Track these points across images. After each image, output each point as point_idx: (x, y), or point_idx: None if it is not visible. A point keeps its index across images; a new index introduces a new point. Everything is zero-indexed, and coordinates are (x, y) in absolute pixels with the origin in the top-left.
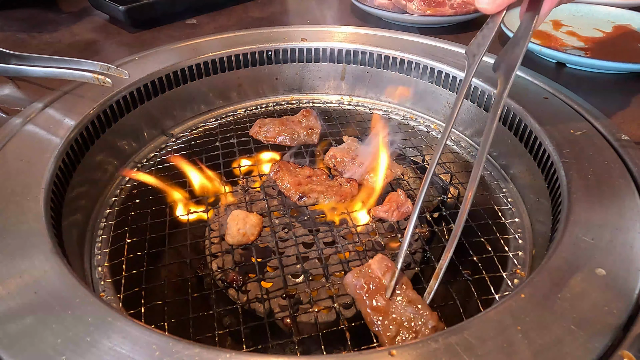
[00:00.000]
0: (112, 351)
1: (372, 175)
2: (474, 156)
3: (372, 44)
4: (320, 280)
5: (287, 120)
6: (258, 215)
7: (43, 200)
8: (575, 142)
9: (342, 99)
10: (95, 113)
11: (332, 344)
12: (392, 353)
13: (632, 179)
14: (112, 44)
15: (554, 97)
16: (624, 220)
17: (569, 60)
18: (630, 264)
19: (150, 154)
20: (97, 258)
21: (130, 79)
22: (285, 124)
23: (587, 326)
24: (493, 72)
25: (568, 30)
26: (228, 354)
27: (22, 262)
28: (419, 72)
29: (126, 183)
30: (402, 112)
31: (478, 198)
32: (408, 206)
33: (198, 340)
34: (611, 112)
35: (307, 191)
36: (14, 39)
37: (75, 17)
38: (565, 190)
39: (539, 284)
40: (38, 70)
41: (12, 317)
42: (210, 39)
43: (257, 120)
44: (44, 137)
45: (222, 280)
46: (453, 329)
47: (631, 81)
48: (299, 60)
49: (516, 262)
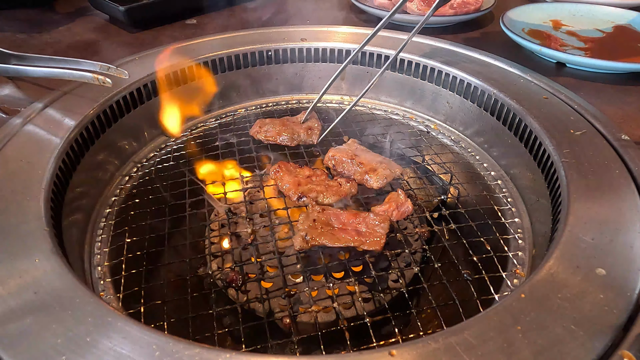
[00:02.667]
0: (112, 351)
1: (372, 176)
2: (474, 156)
3: (372, 44)
4: (320, 280)
5: (287, 120)
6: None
7: (43, 200)
8: (575, 142)
9: (342, 99)
10: (95, 113)
11: (331, 344)
12: (392, 353)
13: (632, 179)
14: (112, 44)
15: (554, 97)
16: (624, 220)
17: (569, 60)
18: (630, 264)
19: (150, 153)
20: (96, 258)
21: (130, 79)
22: (285, 124)
23: (587, 326)
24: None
25: (568, 30)
26: (228, 354)
27: (22, 262)
28: (419, 72)
29: (126, 183)
30: (402, 112)
31: (478, 198)
32: (408, 206)
33: (197, 340)
34: (611, 112)
35: (307, 191)
36: (14, 39)
37: (75, 17)
38: (565, 190)
39: (539, 284)
40: (38, 70)
41: (12, 317)
42: (210, 39)
43: (258, 120)
44: (44, 137)
45: (221, 280)
46: (453, 329)
47: (631, 81)
48: (299, 60)
49: (516, 262)
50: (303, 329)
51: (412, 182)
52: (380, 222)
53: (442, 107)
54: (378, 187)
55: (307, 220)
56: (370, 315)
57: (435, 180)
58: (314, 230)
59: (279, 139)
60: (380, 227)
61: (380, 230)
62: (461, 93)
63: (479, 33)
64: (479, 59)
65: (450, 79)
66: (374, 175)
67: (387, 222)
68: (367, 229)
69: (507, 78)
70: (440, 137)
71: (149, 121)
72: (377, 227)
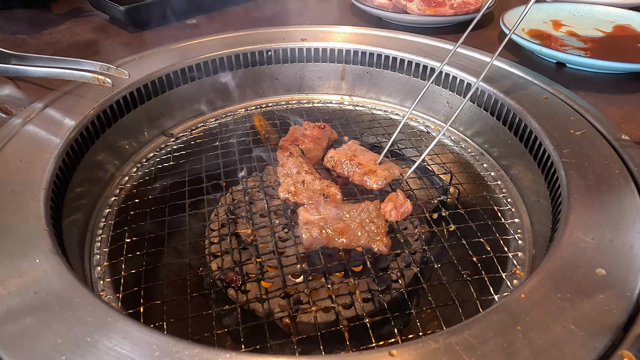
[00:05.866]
0: (112, 351)
1: (371, 177)
2: (474, 156)
3: (372, 44)
4: (320, 280)
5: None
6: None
7: (43, 200)
8: (575, 142)
9: (342, 99)
10: (95, 113)
11: (331, 344)
12: (392, 353)
13: (632, 179)
14: (112, 44)
15: (554, 97)
16: (624, 220)
17: (569, 60)
18: (630, 264)
19: (150, 153)
20: (96, 257)
21: (130, 79)
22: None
23: (587, 326)
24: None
25: (568, 30)
26: (228, 354)
27: (22, 262)
28: (419, 72)
29: (126, 183)
30: (402, 112)
31: (478, 198)
32: (407, 206)
33: (197, 340)
34: (611, 112)
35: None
36: (14, 39)
37: (75, 17)
38: (565, 190)
39: (539, 284)
40: (38, 70)
41: (12, 317)
42: (210, 39)
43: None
44: (44, 137)
45: (221, 280)
46: (453, 329)
47: (631, 81)
48: (299, 60)
49: (516, 262)
50: (303, 329)
51: (412, 183)
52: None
53: (442, 107)
54: (377, 188)
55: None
56: (369, 316)
57: (435, 181)
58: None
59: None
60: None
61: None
62: (461, 93)
63: (479, 33)
64: (479, 59)
65: (450, 79)
66: (373, 177)
67: (383, 219)
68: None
69: (507, 78)
70: (440, 137)
71: (149, 121)
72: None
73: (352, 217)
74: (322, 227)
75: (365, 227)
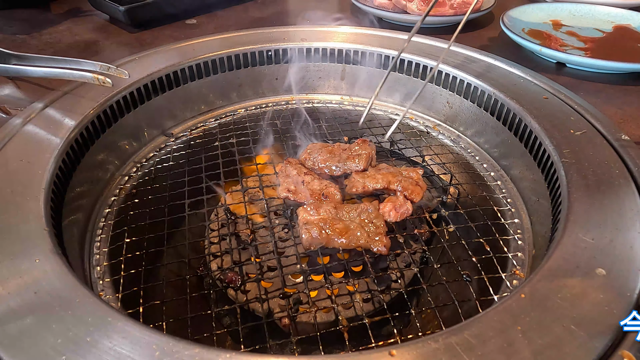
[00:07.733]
0: (112, 351)
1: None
2: (474, 156)
3: (372, 44)
4: (319, 280)
5: (337, 147)
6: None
7: (43, 200)
8: (575, 142)
9: (342, 99)
10: (95, 113)
11: (330, 344)
12: (392, 353)
13: (632, 179)
14: (112, 44)
15: (554, 97)
16: (624, 220)
17: (569, 60)
18: (630, 264)
19: (150, 153)
20: (95, 257)
21: (130, 79)
22: (333, 151)
23: (587, 326)
24: None
25: (568, 30)
26: (227, 354)
27: (22, 262)
28: (419, 72)
29: (126, 183)
30: (402, 112)
31: (478, 199)
32: (407, 207)
33: (196, 340)
34: (611, 112)
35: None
36: (14, 39)
37: (75, 17)
38: (565, 190)
39: (538, 284)
40: (38, 70)
41: (12, 317)
42: (210, 39)
43: (309, 145)
44: (44, 137)
45: (221, 280)
46: (453, 329)
47: (631, 81)
48: (299, 60)
49: (515, 263)
50: (302, 329)
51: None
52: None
53: (442, 107)
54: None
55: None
56: (369, 316)
57: (435, 181)
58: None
59: (325, 170)
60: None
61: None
62: (461, 93)
63: (479, 33)
64: (478, 59)
65: (450, 79)
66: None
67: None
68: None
69: (507, 78)
70: (440, 137)
71: (149, 121)
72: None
73: (352, 217)
74: (322, 228)
75: (365, 228)
